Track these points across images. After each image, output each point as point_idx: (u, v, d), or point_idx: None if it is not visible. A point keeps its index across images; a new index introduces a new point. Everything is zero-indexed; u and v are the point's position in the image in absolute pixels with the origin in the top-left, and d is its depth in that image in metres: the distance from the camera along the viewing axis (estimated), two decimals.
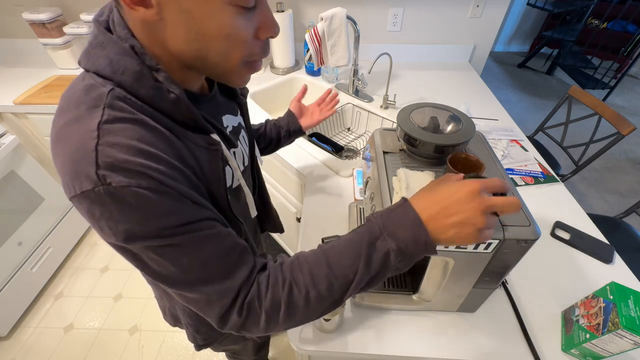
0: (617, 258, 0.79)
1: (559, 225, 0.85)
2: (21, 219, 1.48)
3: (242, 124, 0.61)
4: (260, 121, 0.84)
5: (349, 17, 1.21)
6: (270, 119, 0.85)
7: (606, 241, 0.82)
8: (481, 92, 1.48)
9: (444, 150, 0.55)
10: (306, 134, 0.85)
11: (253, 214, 0.60)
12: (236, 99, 0.60)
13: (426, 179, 0.54)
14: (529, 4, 3.65)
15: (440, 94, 1.45)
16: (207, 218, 0.40)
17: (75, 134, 0.34)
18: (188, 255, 0.38)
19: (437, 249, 0.41)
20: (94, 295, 1.63)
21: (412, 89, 1.49)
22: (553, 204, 0.93)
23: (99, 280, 1.70)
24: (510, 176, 0.94)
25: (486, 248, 0.50)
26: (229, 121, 0.55)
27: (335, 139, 1.34)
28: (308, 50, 1.27)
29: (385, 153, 0.63)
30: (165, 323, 0.75)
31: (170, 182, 0.36)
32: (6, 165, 1.40)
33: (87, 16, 1.52)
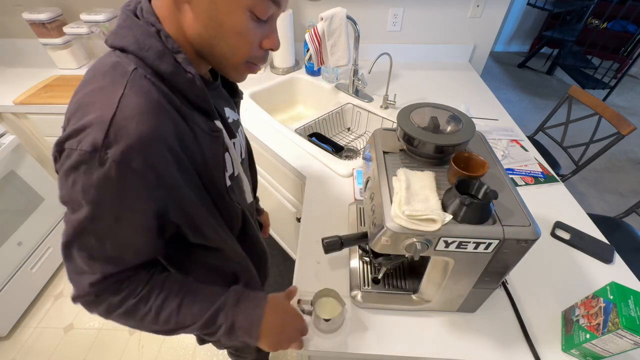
0: (617, 258, 0.79)
1: (559, 225, 0.85)
2: (21, 219, 1.48)
3: (240, 122, 0.66)
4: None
5: (349, 17, 1.21)
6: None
7: (606, 241, 0.82)
8: (481, 92, 1.48)
9: (444, 150, 0.55)
10: None
11: (249, 199, 0.65)
12: (235, 97, 0.64)
13: (426, 179, 0.54)
14: (529, 3, 3.65)
15: (440, 94, 1.45)
16: (160, 216, 0.44)
17: (97, 101, 0.38)
18: (115, 232, 0.42)
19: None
20: None
21: (412, 89, 1.49)
22: (553, 204, 0.93)
23: None
24: (511, 176, 0.94)
25: (486, 248, 0.50)
26: (230, 114, 0.59)
27: (335, 139, 1.34)
28: (308, 50, 1.26)
29: (385, 153, 0.63)
30: None
31: (158, 167, 0.39)
32: (6, 165, 1.40)
33: (87, 16, 1.52)
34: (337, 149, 1.23)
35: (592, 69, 3.22)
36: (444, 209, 0.50)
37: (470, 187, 0.50)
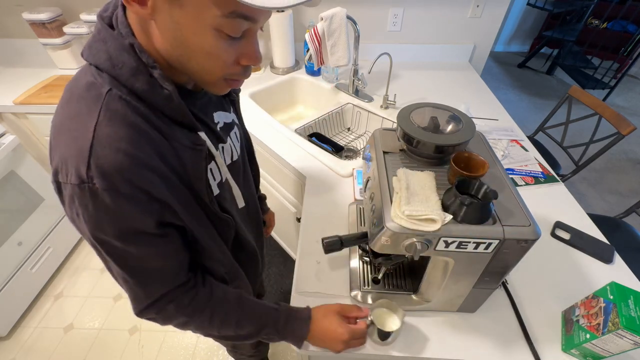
0: (617, 258, 0.79)
1: (559, 225, 0.85)
2: (21, 219, 1.48)
3: (236, 121, 0.64)
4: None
5: (349, 17, 1.21)
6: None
7: (606, 241, 0.82)
8: (481, 92, 1.48)
9: (444, 150, 0.55)
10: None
11: (240, 204, 0.63)
12: (228, 95, 0.62)
13: (426, 179, 0.54)
14: (529, 4, 3.65)
15: (440, 94, 1.45)
16: (164, 223, 0.45)
17: (74, 130, 0.38)
18: (131, 264, 0.45)
19: None
20: (94, 295, 1.63)
21: (412, 89, 1.49)
22: (553, 204, 0.93)
23: (98, 280, 1.69)
24: (511, 176, 0.94)
25: (486, 248, 0.50)
26: (220, 117, 0.57)
27: (335, 139, 1.34)
28: (308, 50, 1.26)
29: (385, 153, 0.63)
30: None
31: (145, 187, 0.40)
32: (6, 165, 1.40)
33: (86, 16, 1.52)
34: (337, 149, 1.23)
35: (592, 69, 3.22)
36: (444, 209, 0.50)
37: (470, 187, 0.50)
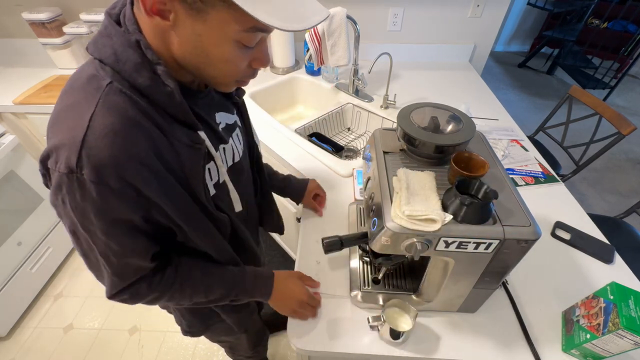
0: (618, 258, 0.79)
1: (559, 225, 0.85)
2: (21, 219, 1.48)
3: (239, 123, 0.64)
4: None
5: (349, 17, 1.20)
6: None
7: (606, 241, 0.82)
8: (481, 92, 1.48)
9: (444, 150, 0.55)
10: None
11: (237, 208, 0.62)
12: (231, 98, 0.62)
13: (426, 179, 0.54)
14: (529, 3, 3.65)
15: (441, 93, 1.45)
16: (149, 220, 0.45)
17: (70, 118, 0.39)
18: (112, 253, 0.45)
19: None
20: (94, 295, 1.63)
21: (412, 89, 1.49)
22: (553, 204, 0.93)
23: None
24: (511, 176, 0.94)
25: (486, 248, 0.49)
26: (222, 118, 0.57)
27: (335, 139, 1.33)
28: (308, 50, 1.26)
29: (385, 153, 0.62)
30: (165, 323, 0.76)
31: (136, 183, 0.40)
32: (6, 165, 1.40)
33: (86, 16, 1.52)
34: (337, 149, 1.23)
35: (593, 68, 3.21)
36: (444, 209, 0.50)
37: (471, 187, 0.50)
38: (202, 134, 0.48)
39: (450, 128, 0.58)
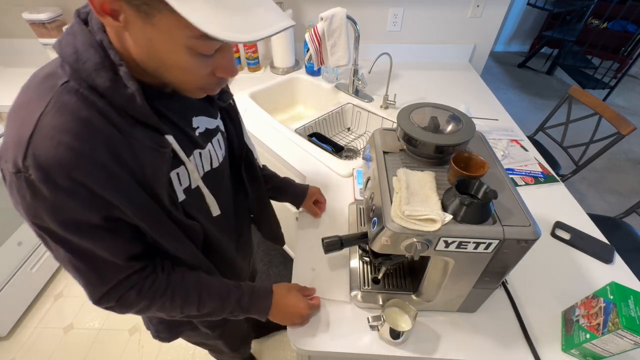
0: (617, 258, 0.79)
1: (559, 225, 0.85)
2: (21, 219, 1.47)
3: (221, 128, 0.61)
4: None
5: (349, 17, 1.20)
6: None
7: (606, 241, 0.82)
8: (481, 92, 1.48)
9: (444, 150, 0.55)
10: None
11: (215, 212, 0.60)
12: (214, 102, 0.59)
13: (426, 179, 0.54)
14: (529, 3, 3.65)
15: (440, 94, 1.45)
16: (111, 218, 0.43)
17: (20, 117, 0.38)
18: (80, 251, 0.43)
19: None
20: None
21: (412, 89, 1.49)
22: (553, 204, 0.93)
23: None
24: (511, 176, 0.94)
25: (486, 248, 0.50)
26: (202, 122, 0.55)
27: (335, 139, 1.34)
28: (308, 50, 1.26)
29: (385, 153, 0.63)
30: None
31: (88, 183, 0.39)
32: None
33: None
34: (337, 149, 1.23)
35: (592, 69, 3.21)
36: (444, 209, 0.50)
37: (470, 187, 0.50)
38: (170, 137, 0.46)
39: (450, 128, 0.58)
